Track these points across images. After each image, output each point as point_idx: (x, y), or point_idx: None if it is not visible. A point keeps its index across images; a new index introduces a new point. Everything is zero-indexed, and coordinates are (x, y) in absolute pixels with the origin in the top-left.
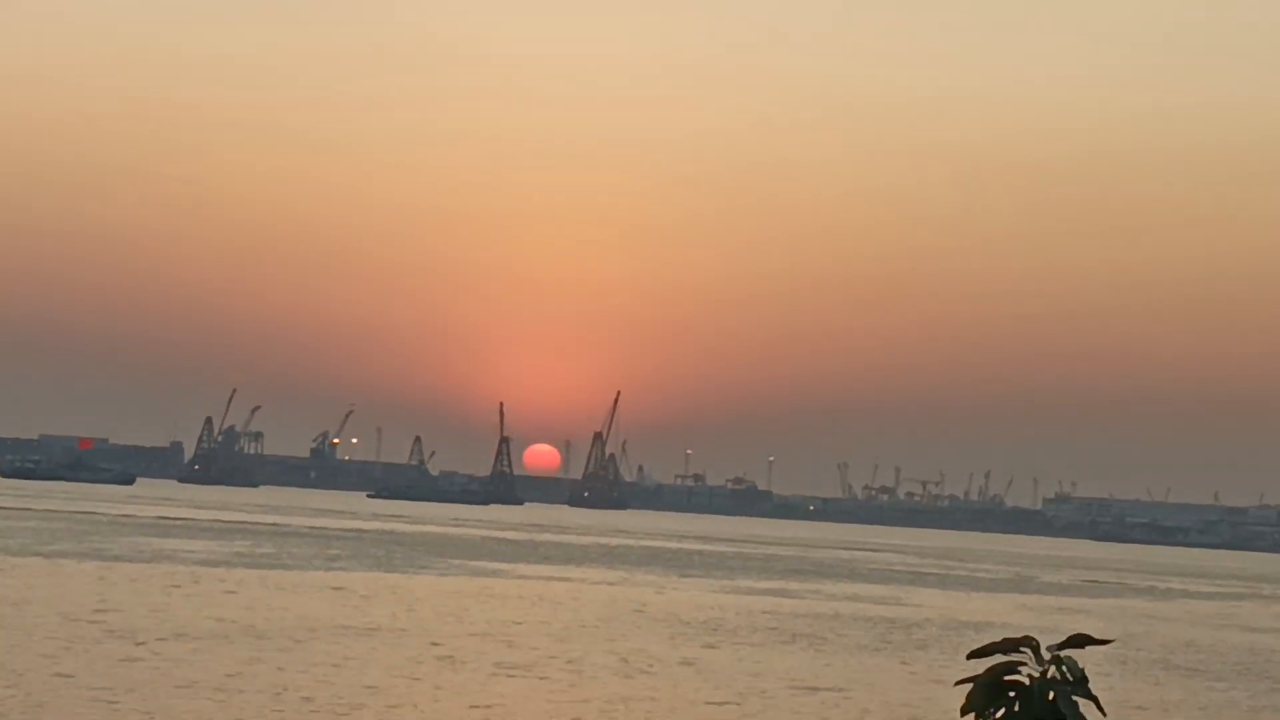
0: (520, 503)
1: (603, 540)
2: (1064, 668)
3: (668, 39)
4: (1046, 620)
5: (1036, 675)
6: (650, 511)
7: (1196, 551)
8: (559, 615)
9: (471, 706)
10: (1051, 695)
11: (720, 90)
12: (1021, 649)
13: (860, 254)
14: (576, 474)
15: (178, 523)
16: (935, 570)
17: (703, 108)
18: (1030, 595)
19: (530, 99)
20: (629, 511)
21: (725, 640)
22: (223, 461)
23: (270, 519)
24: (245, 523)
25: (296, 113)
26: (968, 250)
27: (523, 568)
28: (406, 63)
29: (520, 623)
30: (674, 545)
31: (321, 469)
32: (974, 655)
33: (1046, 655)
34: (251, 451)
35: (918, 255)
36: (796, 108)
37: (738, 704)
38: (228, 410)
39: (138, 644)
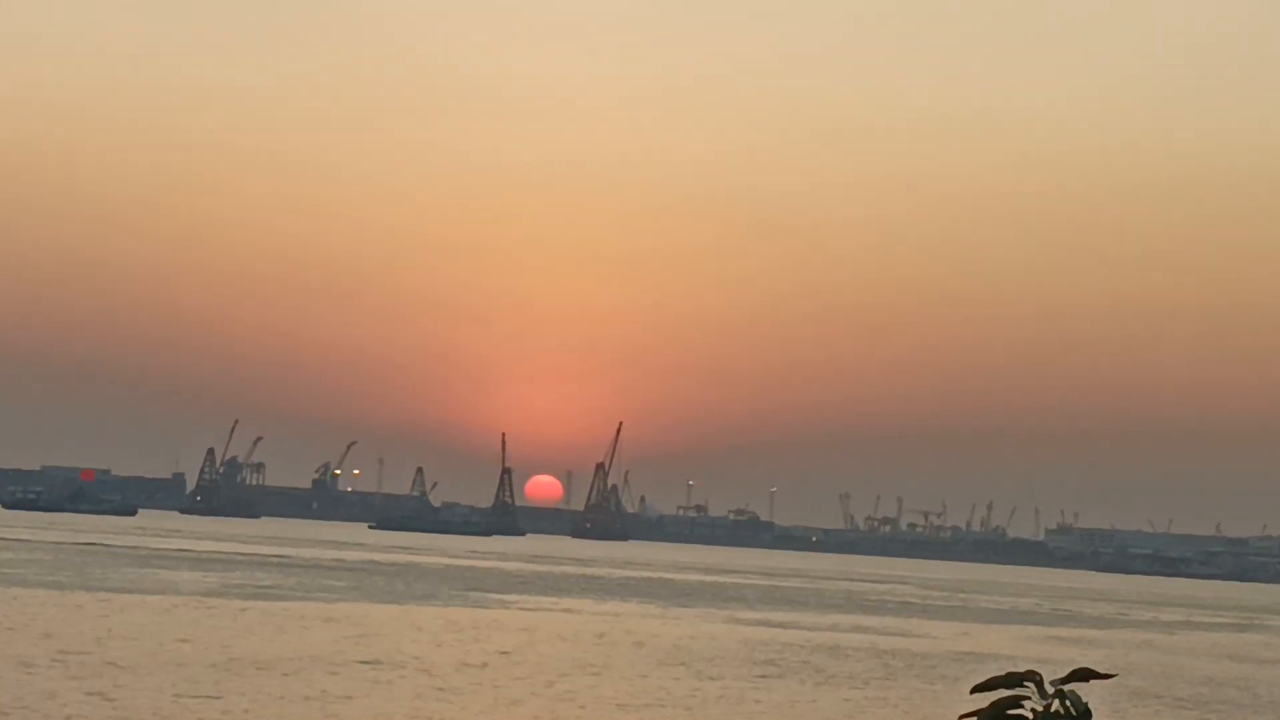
0: (522, 534)
1: (605, 571)
2: (1067, 702)
3: (669, 68)
4: (1048, 651)
5: (1040, 709)
6: (652, 543)
7: (1198, 582)
8: (554, 647)
9: None
10: None
11: (722, 118)
12: (1025, 683)
13: (863, 283)
14: (579, 505)
15: (179, 554)
16: (938, 602)
17: (704, 136)
18: (1033, 627)
19: (532, 129)
20: (631, 543)
21: (723, 672)
22: (225, 492)
23: (271, 550)
24: (246, 554)
25: (299, 143)
26: (970, 279)
27: (523, 599)
28: (409, 93)
29: (512, 653)
30: (676, 576)
31: (323, 500)
32: (977, 689)
33: (1050, 689)
34: (253, 483)
35: (920, 284)
36: (798, 136)
37: None
38: (230, 441)
39: (129, 674)
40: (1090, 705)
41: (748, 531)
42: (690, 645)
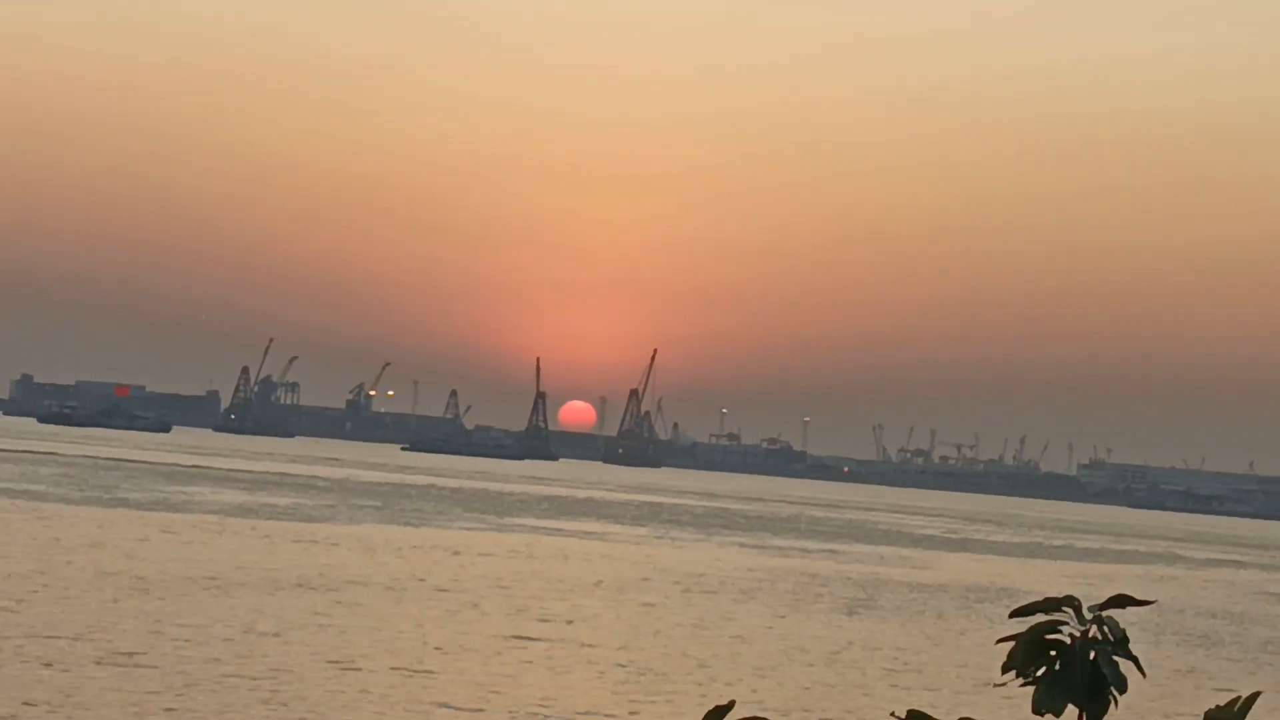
0: (555, 458)
1: (635, 497)
2: (1105, 628)
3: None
4: (1079, 587)
5: (1078, 635)
6: (684, 470)
7: (1231, 520)
8: (577, 572)
9: (475, 663)
10: (1093, 655)
11: (759, 54)
12: (1063, 608)
13: (901, 219)
14: (612, 431)
15: (213, 471)
16: (970, 534)
17: (741, 72)
18: (1065, 562)
19: (564, 54)
20: (663, 469)
21: (751, 600)
22: (258, 412)
23: (304, 469)
24: (279, 473)
25: (335, 75)
26: (1009, 217)
27: (553, 523)
28: (448, 27)
29: (536, 578)
30: (706, 504)
31: (357, 421)
32: (1016, 614)
33: (1088, 615)
34: (288, 402)
35: (959, 221)
36: (839, 67)
37: (764, 667)
38: (264, 360)
39: (152, 591)
40: (1127, 633)
41: (780, 460)
42: (714, 573)
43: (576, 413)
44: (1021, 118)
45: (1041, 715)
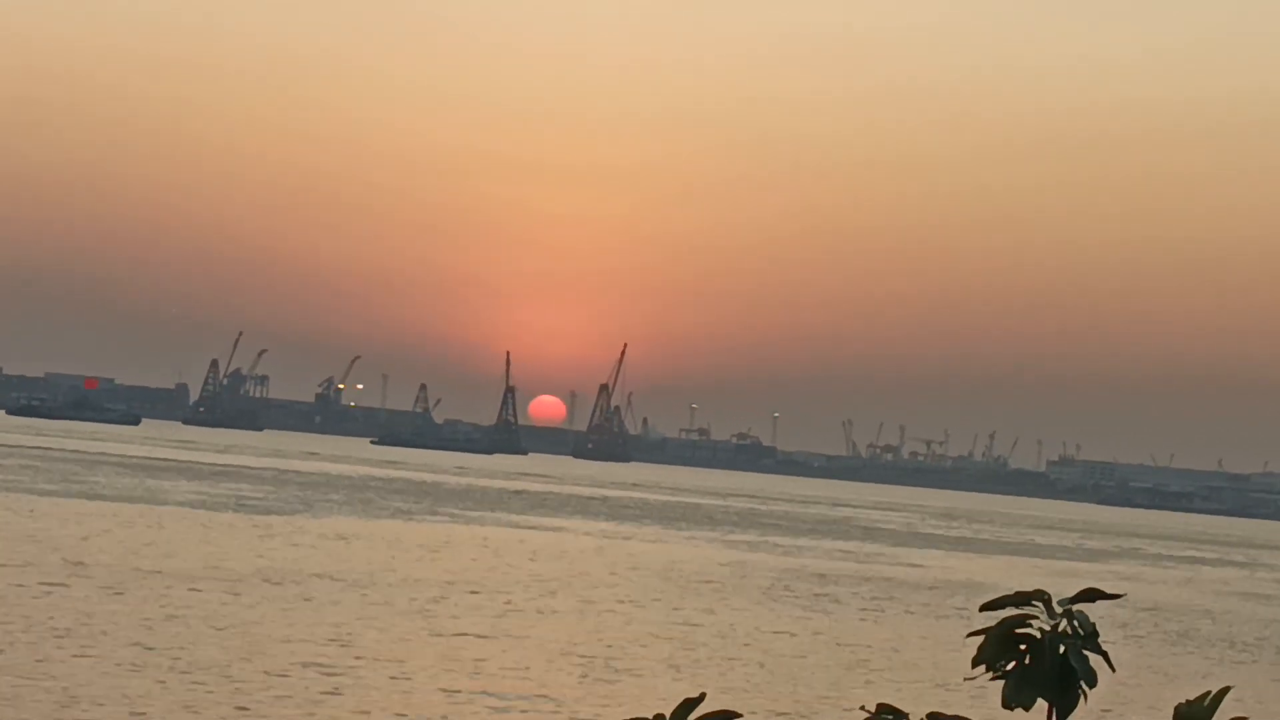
0: (524, 453)
1: (605, 492)
2: (1075, 622)
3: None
4: (1048, 583)
5: (1048, 629)
6: (654, 465)
7: (1199, 517)
8: (545, 567)
9: (434, 655)
10: (1062, 649)
11: (726, 47)
12: (1033, 602)
13: (870, 214)
14: (581, 426)
15: (181, 464)
16: (938, 530)
17: (707, 67)
18: (1033, 558)
19: (537, 58)
20: (633, 464)
21: (718, 595)
22: (228, 404)
23: (272, 463)
24: (246, 466)
25: (304, 67)
26: (977, 212)
27: (522, 518)
28: (417, 22)
29: (500, 569)
30: (675, 499)
31: (326, 414)
32: (986, 608)
33: (1058, 609)
34: (257, 395)
35: (929, 217)
36: (812, 64)
37: (734, 661)
38: (234, 353)
39: (114, 584)
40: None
41: (750, 456)
42: (681, 567)
43: (546, 407)
44: (989, 113)
45: (1011, 709)
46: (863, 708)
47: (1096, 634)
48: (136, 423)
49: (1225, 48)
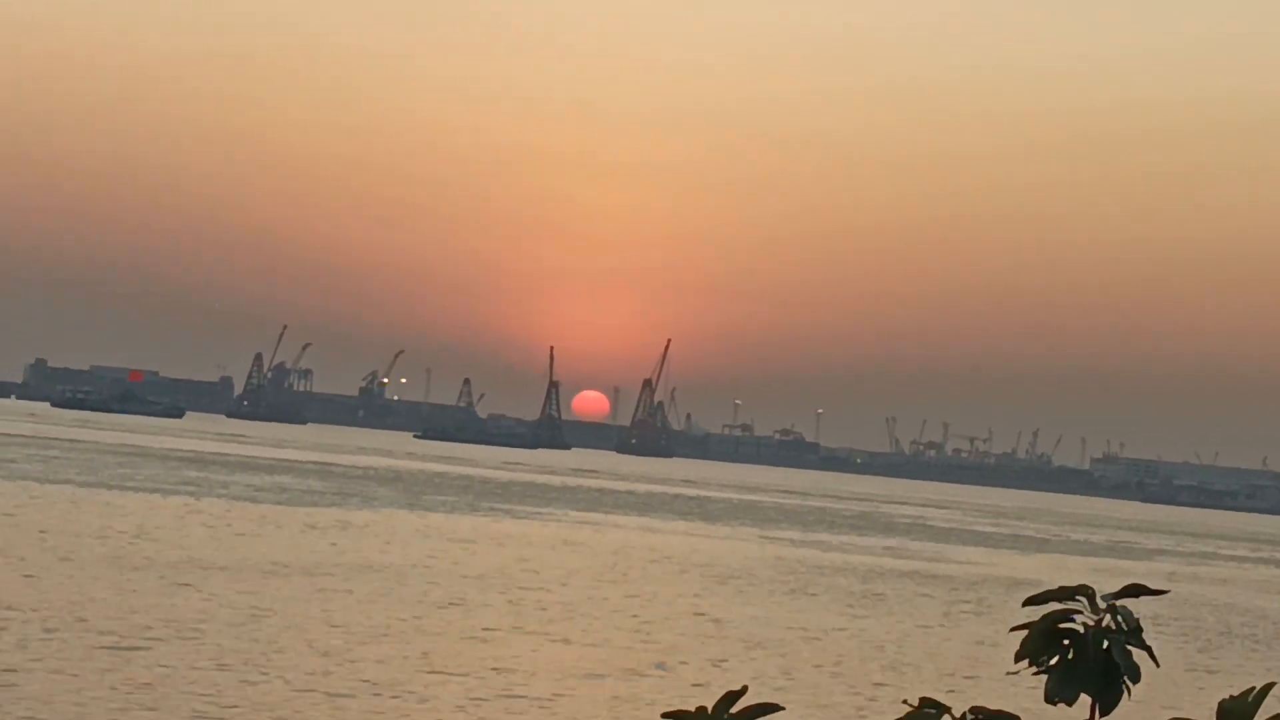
0: (567, 447)
1: (646, 487)
2: (1119, 617)
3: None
4: (1092, 580)
5: (1091, 624)
6: (697, 460)
7: (1243, 516)
8: (585, 561)
9: (469, 652)
10: (1106, 644)
11: (771, 48)
12: (1077, 597)
13: (916, 211)
14: (625, 421)
15: (226, 457)
16: (981, 527)
17: (752, 64)
18: (1076, 555)
19: (584, 53)
20: (676, 460)
21: (760, 590)
22: (271, 398)
23: (315, 456)
24: (290, 460)
25: (348, 61)
26: (1024, 210)
27: (562, 512)
28: (462, 15)
29: (540, 564)
30: (718, 495)
31: (370, 408)
32: (1029, 602)
33: (1102, 604)
34: (301, 389)
35: (975, 212)
36: (854, 66)
37: (776, 655)
38: (278, 347)
39: (157, 575)
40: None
41: (793, 452)
42: (723, 562)
43: (590, 402)
44: (1036, 108)
45: (1054, 704)
46: (905, 701)
47: (1140, 629)
48: (180, 416)
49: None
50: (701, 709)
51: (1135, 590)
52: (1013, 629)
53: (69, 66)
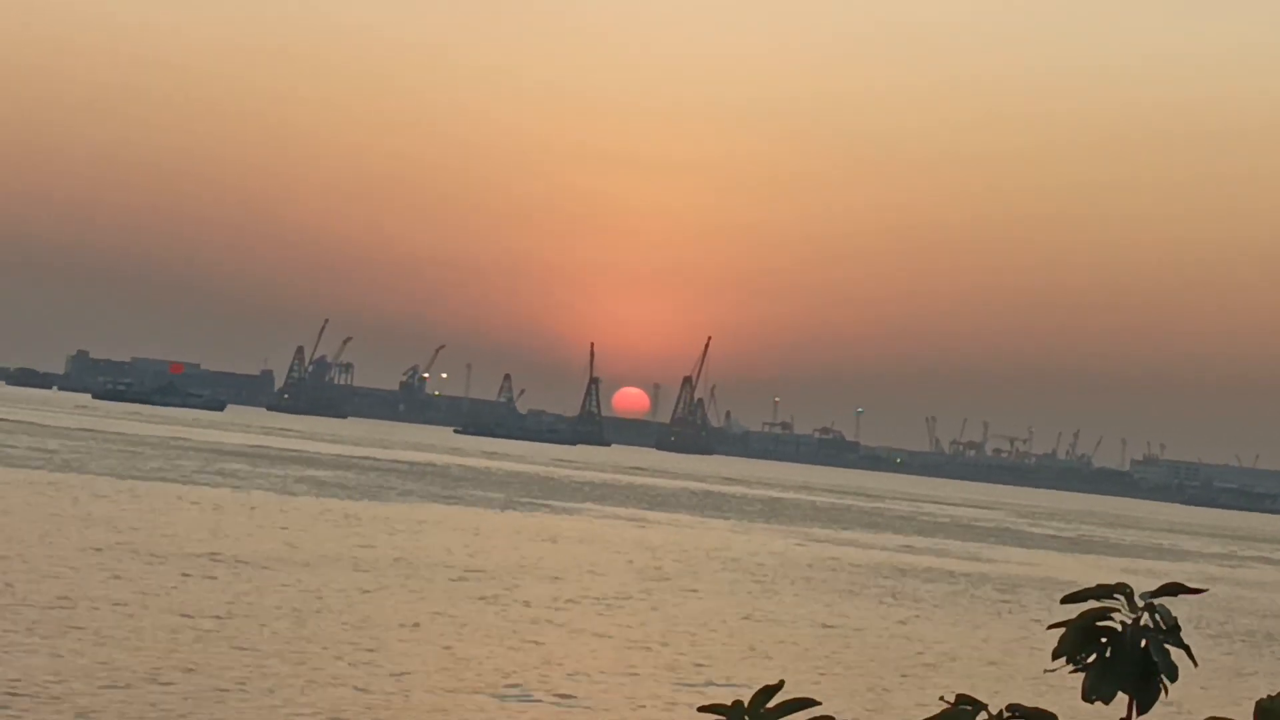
0: (607, 444)
1: (685, 484)
2: (1157, 615)
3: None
4: (1130, 580)
5: (1129, 622)
6: (736, 458)
7: None
8: (621, 555)
9: (510, 643)
10: (1144, 642)
11: (826, 47)
12: (1115, 595)
13: (958, 210)
14: (664, 418)
15: (267, 451)
16: (1020, 527)
17: (809, 63)
18: (1115, 557)
19: (624, 49)
20: (715, 457)
21: (797, 588)
22: (312, 391)
23: (355, 450)
24: (330, 454)
25: (393, 56)
26: (1063, 205)
27: (601, 507)
28: (507, 10)
29: (580, 559)
30: (757, 493)
31: (410, 402)
32: (1067, 600)
33: (1140, 602)
34: (341, 382)
35: (1014, 214)
36: (903, 64)
37: (812, 652)
38: (319, 340)
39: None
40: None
41: (832, 450)
42: (761, 560)
43: (629, 399)
44: (1071, 108)
45: (1091, 702)
46: (941, 698)
47: (1178, 628)
48: (221, 408)
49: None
50: (738, 703)
51: (1174, 589)
52: (1050, 626)
53: (115, 60)
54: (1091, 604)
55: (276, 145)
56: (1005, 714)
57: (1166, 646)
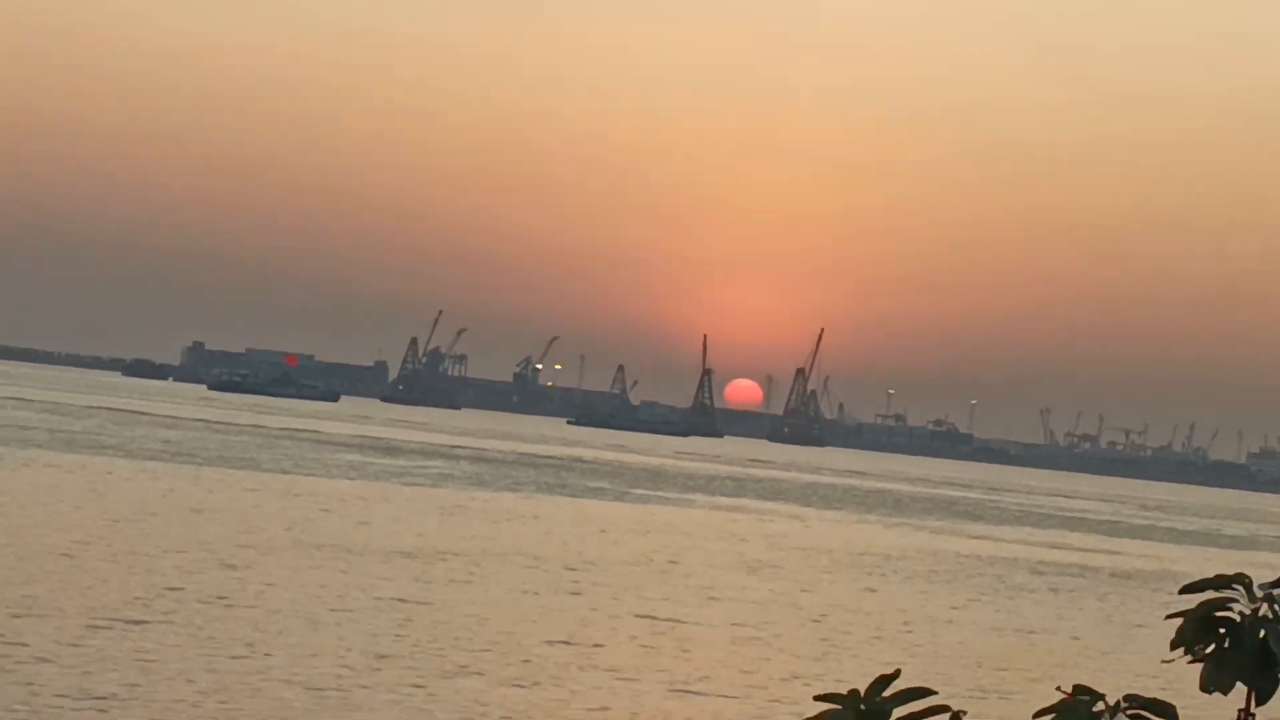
0: (720, 435)
1: (798, 476)
2: (1276, 606)
3: None
4: (1248, 573)
5: (1248, 613)
6: (849, 450)
7: None
8: (734, 546)
9: (627, 635)
10: (1263, 633)
11: (941, 32)
12: (1234, 586)
13: (1076, 202)
14: (777, 410)
15: (380, 441)
16: (1135, 519)
17: (923, 49)
18: (1231, 550)
19: (747, 38)
20: (828, 449)
21: (912, 579)
22: (426, 382)
23: (471, 442)
24: (446, 445)
25: (511, 43)
26: (1183, 201)
27: (715, 499)
28: (624, 3)
29: (693, 551)
30: (870, 485)
31: (524, 394)
32: (1186, 590)
33: (1259, 593)
34: (455, 374)
35: (1135, 205)
36: (1019, 51)
37: (927, 644)
38: (433, 332)
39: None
40: None
41: (946, 442)
42: (882, 552)
43: (742, 391)
44: (1185, 109)
45: (1209, 693)
46: (1059, 688)
47: None
48: (335, 399)
49: None
50: (854, 692)
51: None
52: (1168, 616)
53: (219, 56)
54: (1210, 594)
55: (392, 137)
56: (1123, 704)
57: None
